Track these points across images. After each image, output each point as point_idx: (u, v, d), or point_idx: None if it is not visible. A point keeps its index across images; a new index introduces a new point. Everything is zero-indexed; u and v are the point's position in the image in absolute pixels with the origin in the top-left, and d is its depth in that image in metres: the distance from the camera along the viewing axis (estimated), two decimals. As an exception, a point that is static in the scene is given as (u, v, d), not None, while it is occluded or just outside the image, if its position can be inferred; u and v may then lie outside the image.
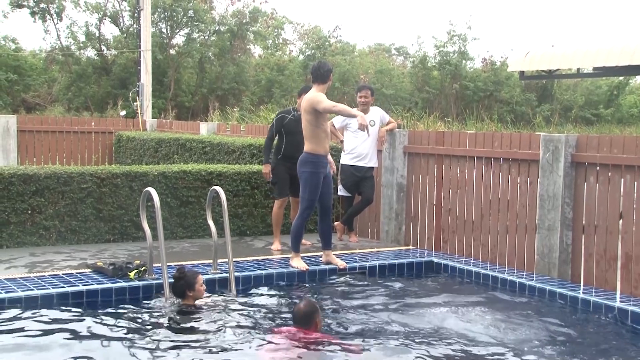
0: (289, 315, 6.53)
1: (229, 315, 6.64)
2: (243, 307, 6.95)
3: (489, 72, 38.81)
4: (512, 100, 38.24)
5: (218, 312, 6.71)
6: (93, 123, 18.75)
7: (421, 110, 29.44)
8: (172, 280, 6.94)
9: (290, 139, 9.37)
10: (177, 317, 6.59)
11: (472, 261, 9.01)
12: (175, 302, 6.93)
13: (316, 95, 8.17)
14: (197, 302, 6.88)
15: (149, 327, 6.26)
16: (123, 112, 23.50)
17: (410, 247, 9.99)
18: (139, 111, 21.48)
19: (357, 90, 10.45)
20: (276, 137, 9.62)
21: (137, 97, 22.30)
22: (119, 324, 6.27)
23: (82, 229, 9.71)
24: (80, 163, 17.52)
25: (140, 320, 6.44)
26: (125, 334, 6.02)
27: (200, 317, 6.54)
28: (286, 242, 9.15)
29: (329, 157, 8.50)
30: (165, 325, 6.37)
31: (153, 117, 23.60)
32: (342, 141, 10.15)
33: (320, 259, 8.61)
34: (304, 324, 5.94)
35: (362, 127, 8.00)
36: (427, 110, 28.60)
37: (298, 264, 8.33)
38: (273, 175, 9.54)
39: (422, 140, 10.06)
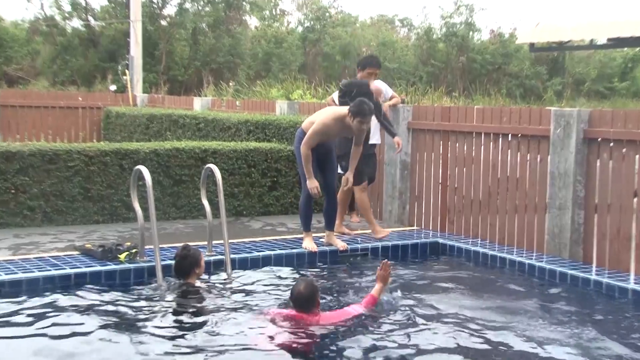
0: (283, 296, 6.61)
1: (226, 298, 6.68)
2: (240, 290, 6.98)
3: (497, 45, 38.68)
4: (522, 73, 38.15)
5: (215, 295, 6.75)
6: (80, 98, 18.77)
7: (426, 85, 29.34)
8: (177, 259, 6.92)
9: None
10: (179, 302, 6.59)
11: (479, 242, 9.04)
12: (171, 283, 6.95)
13: (322, 120, 8.23)
14: (197, 282, 6.91)
15: (149, 312, 6.27)
16: (113, 87, 23.46)
17: (415, 227, 10.02)
18: (129, 86, 21.39)
19: (368, 64, 10.05)
20: None
21: (127, 71, 22.25)
22: (112, 310, 6.28)
23: (69, 209, 9.68)
24: (67, 140, 17.43)
25: (136, 305, 6.45)
26: (121, 320, 6.03)
27: (202, 299, 6.58)
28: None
29: (348, 173, 8.53)
30: (166, 309, 6.37)
31: (144, 92, 23.57)
32: None
33: (322, 240, 8.63)
34: (305, 308, 5.92)
35: (311, 190, 8.18)
36: (432, 85, 28.48)
37: (307, 244, 8.37)
38: (345, 161, 9.17)
39: (427, 115, 10.06)
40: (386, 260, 6.51)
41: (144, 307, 6.41)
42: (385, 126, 9.48)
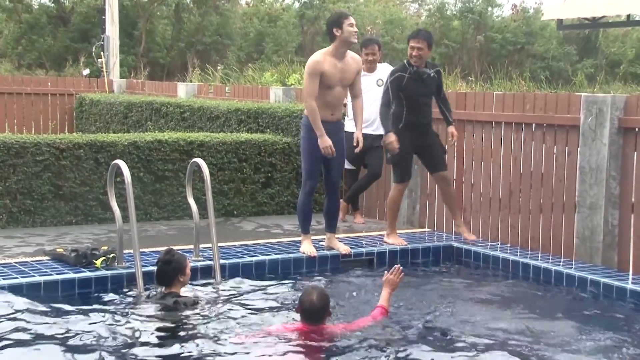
0: (283, 307, 6.62)
1: (215, 309, 6.69)
2: (231, 300, 7.00)
3: (520, 22, 38.63)
4: (548, 54, 38.15)
5: (202, 306, 6.76)
6: (49, 83, 18.62)
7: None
8: (159, 265, 6.87)
9: (413, 102, 8.93)
10: (161, 314, 6.58)
11: (499, 245, 9.06)
12: (153, 293, 6.97)
13: (310, 63, 8.32)
14: (181, 291, 6.91)
15: (127, 326, 6.26)
16: (86, 71, 23.41)
17: (426, 229, 10.04)
18: (104, 69, 21.38)
19: (362, 45, 10.41)
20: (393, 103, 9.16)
21: (102, 53, 22.17)
22: (86, 322, 6.26)
23: (38, 209, 9.64)
24: (34, 131, 17.28)
25: (113, 318, 6.43)
26: (96, 335, 6.01)
27: (187, 311, 6.57)
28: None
29: (357, 132, 8.50)
30: (147, 322, 6.35)
31: (121, 77, 23.55)
32: (344, 104, 10.16)
33: (322, 243, 8.67)
34: (316, 320, 5.97)
35: (324, 150, 8.14)
36: (445, 68, 28.41)
37: (306, 248, 8.42)
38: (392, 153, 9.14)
39: None
40: (398, 265, 6.56)
41: (122, 319, 6.40)
42: (442, 110, 9.18)
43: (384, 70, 10.26)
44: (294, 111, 11.22)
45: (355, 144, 8.48)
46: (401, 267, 6.52)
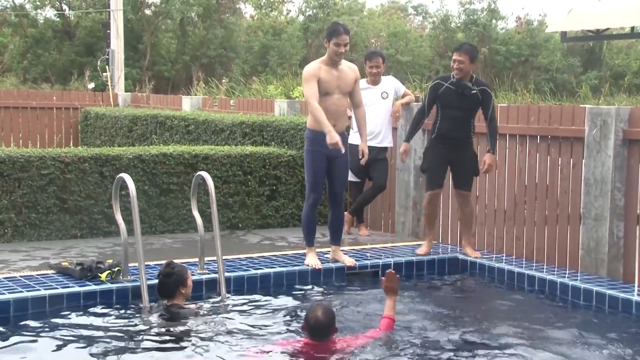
0: (288, 321, 6.60)
1: (219, 322, 6.68)
2: (235, 313, 6.98)
3: (524, 34, 38.61)
4: (552, 66, 38.10)
5: (206, 319, 6.74)
6: (55, 97, 18.56)
7: None
8: (160, 277, 6.90)
9: (447, 112, 8.85)
10: (164, 326, 6.56)
11: (503, 257, 9.04)
12: (156, 306, 6.95)
13: (305, 70, 8.34)
14: (186, 304, 6.88)
15: (132, 340, 6.24)
16: (91, 85, 23.32)
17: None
18: (109, 83, 21.30)
19: (366, 58, 10.42)
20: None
21: (107, 67, 22.14)
22: (91, 336, 6.26)
23: (44, 222, 9.59)
24: (40, 145, 17.25)
25: (118, 331, 6.42)
26: (101, 349, 6.01)
27: (189, 324, 6.54)
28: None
29: (362, 143, 8.49)
30: (151, 336, 6.35)
31: (126, 90, 23.54)
32: (349, 117, 10.15)
33: (327, 255, 8.65)
34: (322, 336, 5.96)
35: (332, 146, 8.06)
36: None
37: (310, 260, 8.39)
38: (424, 160, 9.28)
39: None
40: (390, 270, 6.58)
41: (127, 333, 6.39)
42: (487, 135, 8.90)
43: (389, 82, 10.27)
44: (298, 124, 11.17)
45: (360, 156, 8.47)
46: (394, 271, 6.51)
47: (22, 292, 7.03)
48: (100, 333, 6.35)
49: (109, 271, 7.38)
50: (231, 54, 35.65)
